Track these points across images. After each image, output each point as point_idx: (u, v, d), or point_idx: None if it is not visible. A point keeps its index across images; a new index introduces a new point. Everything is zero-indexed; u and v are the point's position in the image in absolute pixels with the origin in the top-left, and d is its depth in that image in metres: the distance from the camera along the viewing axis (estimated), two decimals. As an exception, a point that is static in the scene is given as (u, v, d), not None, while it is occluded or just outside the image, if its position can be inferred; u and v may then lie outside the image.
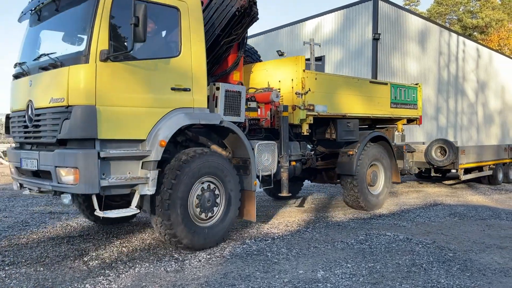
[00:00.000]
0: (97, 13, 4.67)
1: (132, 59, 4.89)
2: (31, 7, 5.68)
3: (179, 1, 5.35)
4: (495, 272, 4.58)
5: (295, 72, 7.08)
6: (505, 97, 27.51)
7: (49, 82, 4.98)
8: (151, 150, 4.89)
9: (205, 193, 5.45)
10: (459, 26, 52.55)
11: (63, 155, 4.67)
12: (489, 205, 9.03)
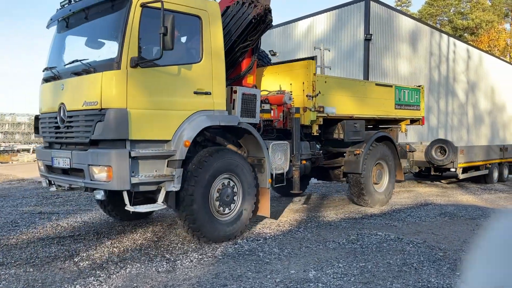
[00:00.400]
0: (127, 23, 5.02)
1: (158, 65, 5.19)
2: (60, 15, 6.01)
3: (201, 10, 5.68)
4: (485, 271, 4.62)
5: (306, 76, 7.43)
6: (495, 98, 27.81)
7: (82, 86, 5.33)
8: (176, 149, 5.25)
9: (224, 189, 5.81)
10: (450, 27, 53.01)
11: (97, 154, 5.02)
12: (479, 204, 9.12)
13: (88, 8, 5.57)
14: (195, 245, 5.60)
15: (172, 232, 6.37)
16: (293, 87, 7.60)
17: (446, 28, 52.39)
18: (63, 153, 5.57)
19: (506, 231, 1.70)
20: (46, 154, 5.93)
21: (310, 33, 18.71)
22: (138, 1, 5.09)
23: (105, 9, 5.39)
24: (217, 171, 5.64)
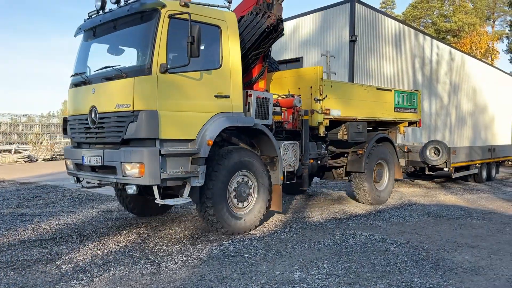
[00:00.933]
0: (157, 32, 5.50)
1: (183, 71, 5.62)
2: (89, 25, 6.45)
3: (220, 20, 6.20)
4: (467, 271, 4.69)
5: (313, 81, 7.94)
6: (477, 99, 28.29)
7: (114, 90, 5.75)
8: (200, 148, 5.71)
9: (241, 185, 6.30)
10: (433, 30, 53.79)
11: (129, 152, 5.45)
12: (461, 204, 9.26)
13: (118, 19, 6.00)
14: (180, 247, 5.57)
15: (157, 234, 6.32)
16: (301, 91, 8.06)
17: (430, 30, 53.16)
18: (94, 152, 5.99)
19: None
20: (76, 153, 6.39)
21: (296, 34, 18.76)
22: (166, 13, 5.55)
23: (134, 19, 5.84)
24: (235, 168, 6.14)
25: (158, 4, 5.57)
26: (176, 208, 8.31)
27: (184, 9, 5.64)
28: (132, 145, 5.55)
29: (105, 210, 8.28)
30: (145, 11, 5.67)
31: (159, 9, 5.56)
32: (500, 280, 4.41)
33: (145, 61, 5.52)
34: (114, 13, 6.03)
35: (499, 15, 58.46)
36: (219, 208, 5.92)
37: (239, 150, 6.36)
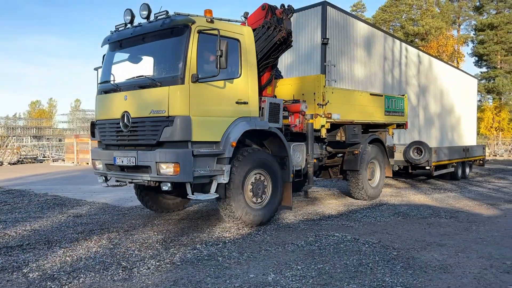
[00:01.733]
0: (188, 47, 6.14)
1: (211, 80, 6.28)
2: (118, 37, 7.03)
3: (239, 34, 6.91)
4: (435, 269, 4.82)
5: (317, 88, 8.74)
6: (444, 101, 29.14)
7: (149, 97, 6.33)
8: (225, 149, 6.35)
9: (257, 182, 6.92)
10: (402, 33, 55.13)
11: (165, 153, 6.05)
12: (430, 204, 9.51)
13: (149, 32, 6.57)
14: (152, 252, 5.48)
15: (128, 238, 6.20)
16: (305, 96, 8.84)
17: (399, 33, 54.46)
18: (126, 153, 6.53)
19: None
20: (106, 154, 6.93)
21: (269, 36, 18.85)
22: (196, 28, 6.20)
23: (165, 34, 6.41)
24: (252, 167, 6.79)
25: (189, 21, 6.22)
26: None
27: (210, 24, 6.37)
28: (165, 147, 6.15)
29: (74, 215, 8.08)
30: (176, 26, 6.27)
31: (190, 25, 6.20)
32: (467, 277, 4.55)
33: (178, 71, 6.12)
34: (146, 28, 6.61)
35: (464, 19, 60.52)
36: (238, 202, 6.53)
37: (256, 151, 7.06)
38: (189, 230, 6.72)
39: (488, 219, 7.78)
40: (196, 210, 8.64)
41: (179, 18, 6.30)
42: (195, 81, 6.10)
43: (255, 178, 6.89)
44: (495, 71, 52.33)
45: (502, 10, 53.14)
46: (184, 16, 6.33)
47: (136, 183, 6.87)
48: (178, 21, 6.27)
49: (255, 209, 6.85)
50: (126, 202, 9.73)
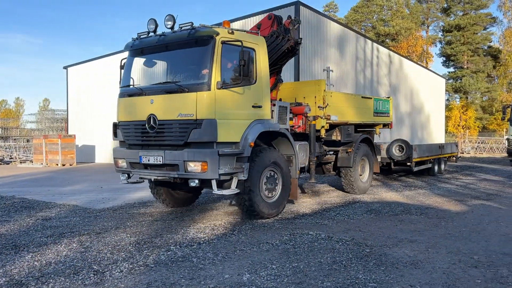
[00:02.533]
0: (214, 56, 6.70)
1: (231, 86, 6.90)
2: (141, 45, 7.55)
3: (254, 44, 7.46)
4: (407, 265, 4.93)
5: (317, 91, 9.52)
6: (413, 100, 29.87)
7: (176, 102, 6.84)
8: (244, 149, 6.94)
9: (270, 178, 7.58)
10: (373, 33, 56.16)
11: (193, 153, 6.66)
12: (401, 201, 9.72)
13: (174, 41, 7.10)
14: (125, 254, 5.38)
15: (100, 241, 6.07)
16: (306, 100, 9.55)
17: (370, 34, 55.45)
18: (154, 153, 7.06)
19: None
20: (131, 153, 7.44)
21: (242, 35, 18.83)
22: (220, 39, 6.78)
23: (190, 43, 6.96)
24: (267, 165, 7.45)
25: (214, 32, 6.78)
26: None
27: (231, 36, 6.97)
28: (192, 147, 6.72)
29: (43, 218, 7.84)
30: (202, 37, 6.82)
31: (214, 37, 6.76)
32: (437, 272, 4.67)
33: (205, 79, 6.68)
34: (171, 37, 7.13)
35: (433, 20, 62.20)
36: (256, 197, 7.19)
37: (269, 150, 7.68)
38: (163, 232, 6.63)
39: (456, 215, 8.02)
40: (170, 211, 8.55)
41: (205, 30, 6.88)
42: (220, 87, 6.70)
43: (269, 175, 7.58)
44: (462, 71, 54.02)
45: (468, 12, 54.90)
46: (209, 27, 6.93)
47: (161, 180, 7.43)
48: (204, 32, 6.85)
49: (269, 202, 7.54)
50: (98, 204, 9.53)
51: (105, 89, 24.78)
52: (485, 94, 52.64)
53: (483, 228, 6.88)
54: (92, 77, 25.66)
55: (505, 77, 45.31)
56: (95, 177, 15.85)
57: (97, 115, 25.23)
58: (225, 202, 9.58)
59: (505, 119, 20.66)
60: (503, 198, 10.08)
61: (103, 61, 25.05)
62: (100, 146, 25.04)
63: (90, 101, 25.68)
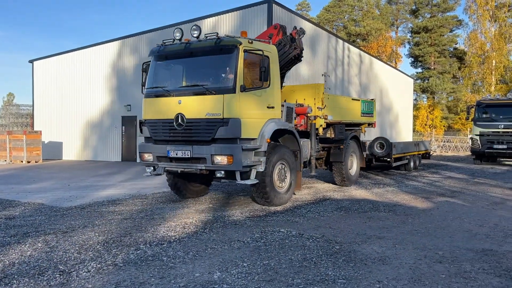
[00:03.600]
0: (238, 63, 7.64)
1: (251, 90, 7.85)
2: (166, 51, 8.41)
3: (268, 52, 8.31)
4: (375, 261, 5.04)
5: (317, 94, 10.74)
6: (383, 99, 30.52)
7: (204, 102, 7.73)
8: (261, 144, 8.00)
9: (281, 170, 8.59)
10: (345, 33, 56.98)
11: (220, 148, 7.60)
12: (370, 198, 9.93)
13: (200, 49, 8.00)
14: (93, 254, 5.26)
15: (67, 240, 5.91)
16: (306, 101, 10.65)
17: (342, 33, 56.25)
18: (181, 147, 7.94)
19: None
20: (158, 148, 8.30)
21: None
22: (242, 48, 7.73)
23: (215, 51, 7.87)
24: (279, 158, 8.43)
25: (237, 42, 7.74)
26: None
27: (251, 45, 7.95)
28: (218, 142, 7.62)
29: (6, 217, 7.57)
30: (227, 46, 7.74)
31: (238, 46, 7.69)
32: (404, 268, 4.79)
33: (230, 83, 7.61)
34: (198, 44, 8.03)
35: (402, 21, 63.70)
36: (270, 187, 8.19)
37: (280, 145, 8.67)
38: (132, 230, 6.53)
39: (423, 212, 8.26)
40: (140, 209, 8.42)
41: (229, 39, 7.83)
42: (243, 90, 7.60)
43: (280, 167, 8.55)
44: (429, 71, 55.59)
45: (436, 14, 56.52)
46: (233, 37, 7.87)
47: (187, 172, 8.17)
48: (229, 42, 7.79)
49: (280, 192, 8.56)
50: (65, 202, 9.28)
51: (74, 84, 24.13)
52: (450, 94, 54.35)
53: (447, 225, 7.11)
54: (60, 72, 24.92)
55: (469, 78, 46.85)
56: (62, 175, 15.42)
57: (65, 110, 24.55)
58: (197, 200, 9.52)
59: (469, 119, 21.36)
60: (466, 195, 10.45)
61: (72, 55, 24.38)
62: (68, 142, 24.39)
63: (58, 96, 24.95)
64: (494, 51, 41.94)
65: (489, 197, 10.25)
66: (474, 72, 45.00)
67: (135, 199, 9.67)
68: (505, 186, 12.25)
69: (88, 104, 23.48)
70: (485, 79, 42.98)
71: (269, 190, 8.19)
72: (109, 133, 22.69)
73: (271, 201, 8.29)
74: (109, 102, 22.73)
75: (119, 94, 22.28)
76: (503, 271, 4.68)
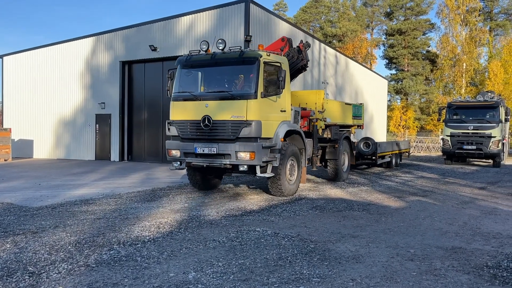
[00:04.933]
0: (259, 73, 8.91)
1: (269, 95, 9.15)
2: (194, 60, 9.63)
3: (281, 62, 9.55)
4: (349, 260, 5.11)
5: (318, 99, 12.22)
6: (358, 100, 30.94)
7: (229, 106, 8.92)
8: (277, 143, 9.31)
9: (291, 165, 9.91)
10: (321, 34, 57.51)
11: (244, 145, 8.80)
12: (345, 197, 10.06)
13: (225, 60, 9.28)
14: (64, 254, 5.14)
15: (37, 241, 5.75)
16: (308, 105, 12.06)
17: (318, 34, 56.75)
18: (209, 145, 9.09)
19: None
20: (185, 145, 9.43)
21: (193, 30, 18.57)
22: (263, 60, 9.01)
23: (238, 62, 9.15)
24: (290, 155, 9.74)
25: (258, 55, 8.99)
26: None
27: (269, 57, 9.27)
28: (241, 141, 8.81)
29: (-27, 217, 7.30)
30: (249, 58, 9.00)
31: (259, 58, 8.95)
32: (377, 266, 4.88)
33: (252, 90, 8.85)
34: (223, 56, 9.23)
35: (377, 24, 64.77)
36: (283, 180, 9.52)
37: (291, 144, 9.85)
38: (106, 230, 6.41)
39: (396, 211, 8.43)
40: (114, 209, 8.28)
41: (252, 52, 9.10)
42: (263, 96, 8.92)
43: (291, 163, 9.83)
44: (402, 73, 56.73)
45: (409, 17, 57.72)
46: (254, 51, 9.15)
47: (211, 166, 9.34)
48: (251, 54, 9.04)
49: (290, 184, 9.86)
50: (35, 201, 9.03)
51: (46, 81, 23.50)
52: (423, 96, 55.61)
53: (419, 223, 7.28)
54: (32, 68, 24.21)
55: (441, 80, 48.09)
56: (33, 173, 15.00)
57: (37, 107, 23.87)
58: (172, 199, 9.43)
59: (440, 120, 21.93)
60: (437, 195, 10.73)
61: (45, 51, 23.71)
62: (39, 140, 23.73)
63: (29, 93, 24.24)
64: (464, 54, 43.19)
65: (459, 196, 10.55)
66: (446, 74, 46.22)
67: (109, 198, 9.50)
68: (474, 186, 12.64)
69: (61, 101, 22.91)
70: (456, 82, 44.20)
71: (282, 182, 9.48)
72: (83, 131, 22.21)
73: (283, 192, 9.58)
74: (82, 100, 22.24)
75: (93, 91, 21.83)
76: (472, 268, 4.83)
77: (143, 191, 10.60)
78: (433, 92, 51.84)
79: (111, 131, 21.16)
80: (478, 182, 13.74)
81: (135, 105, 21.07)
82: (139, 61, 20.48)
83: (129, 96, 21.10)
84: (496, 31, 53.10)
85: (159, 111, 20.10)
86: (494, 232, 6.64)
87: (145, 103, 20.76)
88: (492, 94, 21.83)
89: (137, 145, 21.00)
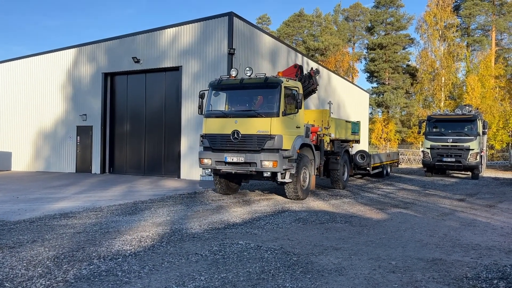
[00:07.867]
0: (281, 95, 10.68)
1: (288, 114, 10.86)
2: (225, 84, 11.55)
3: (297, 87, 11.40)
4: (331, 272, 5.12)
5: (324, 117, 14.14)
6: (340, 113, 31.31)
7: (255, 123, 10.63)
8: (293, 154, 10.95)
9: (304, 173, 11.67)
10: (304, 47, 58.23)
11: (268, 155, 10.50)
12: (327, 210, 10.11)
13: (252, 85, 11.26)
14: (42, 270, 5.02)
15: (14, 256, 5.60)
16: (316, 122, 13.96)
17: (301, 48, 57.44)
18: (238, 155, 10.81)
19: None
20: (217, 155, 11.10)
21: (176, 43, 18.58)
22: (283, 85, 10.83)
23: (263, 86, 11.06)
24: (303, 165, 11.55)
25: (280, 81, 10.82)
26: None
27: (288, 83, 11.09)
28: (265, 152, 10.50)
29: None
30: (272, 83, 10.84)
31: (281, 83, 10.77)
32: (359, 278, 4.90)
33: (275, 109, 10.60)
34: (249, 81, 11.16)
35: (358, 38, 65.97)
36: (298, 185, 11.26)
37: (304, 155, 11.66)
38: (86, 244, 6.29)
39: (377, 223, 8.50)
40: (94, 222, 8.14)
41: (275, 79, 10.93)
42: (284, 115, 10.67)
43: (304, 171, 11.61)
44: (383, 86, 57.74)
45: (390, 32, 59.00)
46: (277, 77, 11.01)
47: (239, 173, 11.06)
48: (274, 80, 10.87)
49: (303, 189, 11.58)
50: (13, 215, 8.81)
51: (26, 92, 23.11)
52: (404, 109, 56.60)
53: (400, 235, 7.35)
54: (11, 79, 23.80)
55: (421, 94, 49.04)
56: (10, 186, 14.64)
57: (16, 119, 23.42)
58: (154, 212, 9.33)
59: (420, 132, 22.32)
60: (418, 206, 10.87)
61: (25, 61, 23.37)
62: (18, 152, 23.24)
63: (7, 104, 23.79)
64: (443, 68, 44.20)
65: (439, 208, 10.71)
66: (425, 88, 47.15)
67: (89, 211, 9.34)
68: (454, 198, 12.85)
69: (42, 113, 22.54)
70: (435, 95, 45.13)
71: (298, 188, 11.22)
72: (63, 143, 21.85)
73: (299, 196, 11.31)
74: (63, 111, 21.93)
75: (75, 103, 21.56)
76: (452, 279, 4.90)
77: (124, 204, 10.46)
78: (413, 105, 52.81)
79: (92, 143, 20.86)
80: (458, 194, 13.98)
81: (117, 117, 20.87)
82: (122, 72, 20.34)
83: (111, 108, 20.90)
84: (473, 47, 54.62)
85: (141, 123, 19.95)
86: (473, 244, 6.75)
87: (127, 115, 20.58)
88: (470, 107, 22.36)
89: (119, 158, 20.74)
